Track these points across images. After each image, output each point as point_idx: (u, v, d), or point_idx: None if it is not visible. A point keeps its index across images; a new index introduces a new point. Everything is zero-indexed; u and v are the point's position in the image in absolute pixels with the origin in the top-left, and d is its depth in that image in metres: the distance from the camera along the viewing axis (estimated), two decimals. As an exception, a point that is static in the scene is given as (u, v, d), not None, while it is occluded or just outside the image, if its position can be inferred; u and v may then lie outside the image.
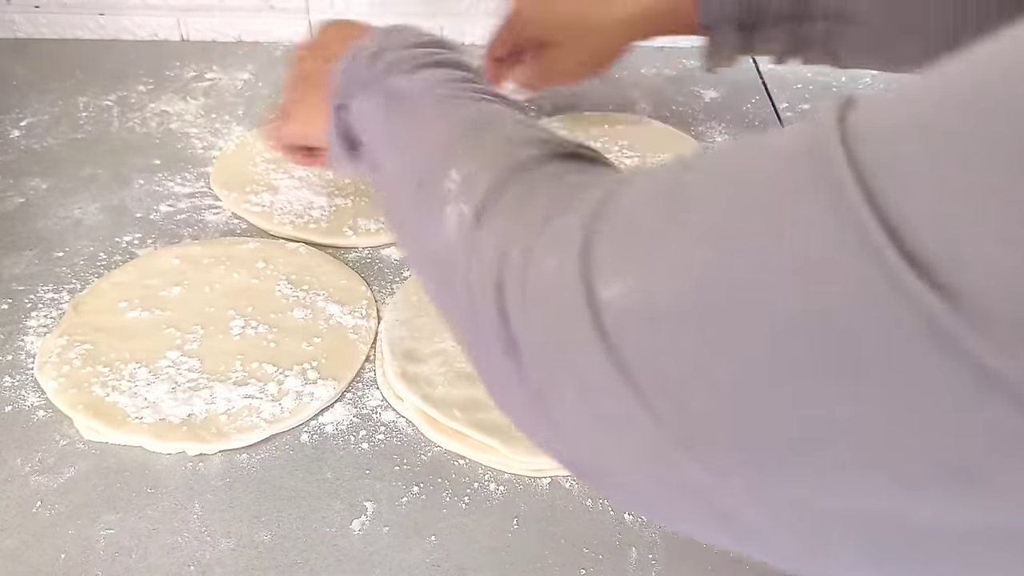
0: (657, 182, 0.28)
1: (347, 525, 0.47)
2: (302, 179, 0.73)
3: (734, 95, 0.88)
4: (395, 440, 0.52)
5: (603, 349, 0.25)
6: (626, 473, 0.28)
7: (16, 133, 0.80)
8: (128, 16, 0.95)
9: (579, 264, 0.27)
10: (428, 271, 0.40)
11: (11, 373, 0.56)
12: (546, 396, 0.29)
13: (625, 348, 0.25)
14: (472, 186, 0.36)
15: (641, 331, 0.25)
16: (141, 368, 0.55)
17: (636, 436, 0.25)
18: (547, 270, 0.29)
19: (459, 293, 0.34)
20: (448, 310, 0.37)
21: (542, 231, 0.30)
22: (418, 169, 0.41)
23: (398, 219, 0.44)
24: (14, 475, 0.50)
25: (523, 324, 0.30)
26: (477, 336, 0.33)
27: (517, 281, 0.30)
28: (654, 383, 0.24)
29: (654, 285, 0.25)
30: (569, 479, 0.50)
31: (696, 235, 0.24)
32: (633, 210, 0.27)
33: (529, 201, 0.33)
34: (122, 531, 0.47)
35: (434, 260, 0.38)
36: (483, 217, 0.34)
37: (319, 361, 0.56)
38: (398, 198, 0.44)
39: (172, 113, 0.83)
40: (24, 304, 0.61)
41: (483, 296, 0.32)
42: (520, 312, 0.30)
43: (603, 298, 0.26)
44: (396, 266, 0.65)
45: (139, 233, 0.68)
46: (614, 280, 0.26)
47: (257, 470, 0.50)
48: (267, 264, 0.63)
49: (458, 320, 0.36)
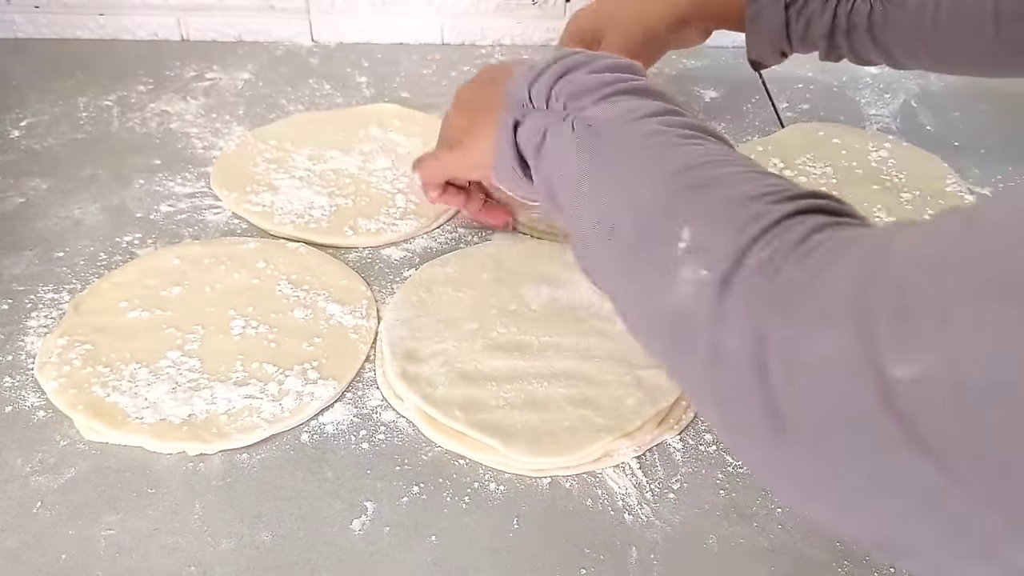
0: (932, 239, 0.26)
1: (348, 525, 0.47)
2: (302, 179, 0.73)
3: (734, 95, 0.88)
4: (395, 440, 0.52)
5: (900, 433, 0.25)
6: (925, 544, 0.27)
7: (16, 133, 0.80)
8: (128, 16, 0.95)
9: (860, 343, 0.26)
10: (653, 330, 0.38)
11: (11, 373, 0.56)
12: (824, 476, 0.28)
13: (927, 429, 0.24)
14: (710, 248, 0.34)
15: (947, 412, 0.24)
16: (141, 368, 0.55)
17: (940, 512, 0.25)
18: (822, 348, 0.27)
19: (702, 364, 0.33)
20: (686, 377, 0.36)
21: (802, 306, 0.29)
22: (636, 223, 0.39)
23: (602, 269, 0.43)
24: (14, 475, 0.50)
25: (794, 406, 0.29)
26: (731, 410, 0.32)
27: (783, 362, 0.29)
28: (965, 463, 0.24)
29: (958, 363, 0.23)
30: (569, 479, 0.50)
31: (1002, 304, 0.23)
32: (913, 275, 0.26)
33: (780, 269, 0.31)
34: (123, 531, 0.47)
35: (663, 323, 0.36)
36: (729, 287, 0.32)
37: (319, 361, 0.56)
38: (600, 247, 0.42)
39: (172, 113, 0.83)
40: (24, 304, 0.61)
41: (740, 374, 0.31)
42: (788, 393, 0.29)
43: (896, 377, 0.25)
44: (396, 266, 0.65)
45: (139, 233, 0.68)
46: (906, 360, 0.24)
47: (257, 470, 0.50)
48: (267, 264, 0.63)
49: (700, 389, 0.35)
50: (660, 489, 0.50)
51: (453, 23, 0.97)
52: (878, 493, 0.27)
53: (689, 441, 0.52)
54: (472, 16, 0.97)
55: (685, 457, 0.51)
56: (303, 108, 0.85)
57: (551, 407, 0.52)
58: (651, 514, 0.48)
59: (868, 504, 0.27)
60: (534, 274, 0.62)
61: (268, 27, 0.97)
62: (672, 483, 0.50)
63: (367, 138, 0.78)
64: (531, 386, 0.53)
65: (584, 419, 0.51)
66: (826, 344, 0.27)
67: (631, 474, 0.50)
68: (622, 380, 0.54)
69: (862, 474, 0.27)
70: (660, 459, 0.51)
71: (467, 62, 0.95)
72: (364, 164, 0.75)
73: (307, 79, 0.90)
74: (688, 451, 0.52)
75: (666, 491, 0.49)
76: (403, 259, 0.66)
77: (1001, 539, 0.24)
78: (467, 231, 0.69)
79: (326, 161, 0.75)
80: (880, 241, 0.29)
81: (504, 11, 0.97)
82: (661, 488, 0.50)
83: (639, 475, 0.50)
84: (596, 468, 0.50)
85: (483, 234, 0.68)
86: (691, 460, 0.51)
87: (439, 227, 0.69)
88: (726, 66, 0.93)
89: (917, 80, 0.91)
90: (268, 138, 0.78)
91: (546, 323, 0.58)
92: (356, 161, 0.75)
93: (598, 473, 0.50)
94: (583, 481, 0.50)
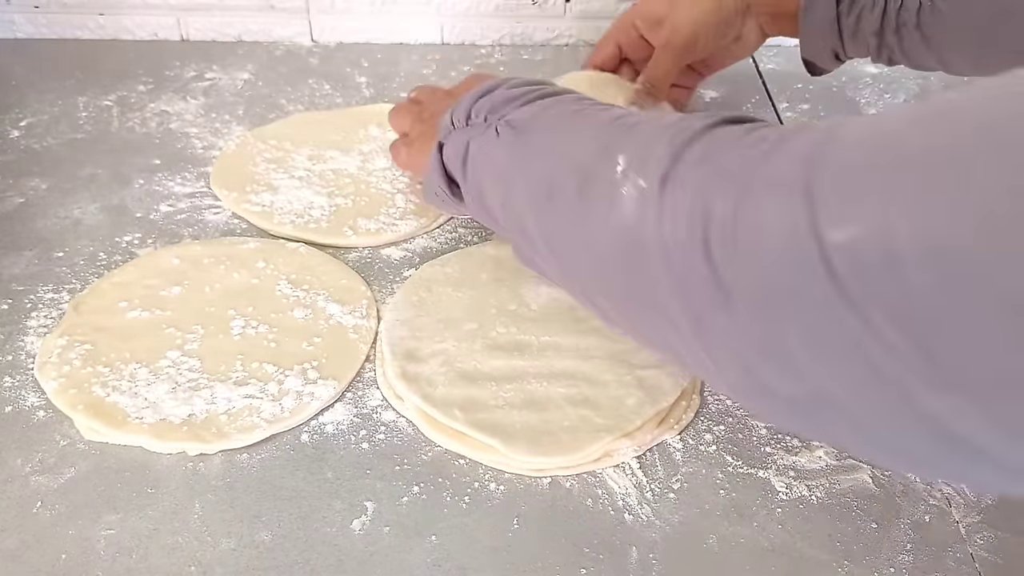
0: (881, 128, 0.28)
1: (347, 525, 0.47)
2: (302, 179, 0.73)
3: (734, 95, 0.88)
4: (395, 440, 0.52)
5: (835, 291, 0.27)
6: (848, 400, 0.29)
7: (16, 133, 0.80)
8: (128, 16, 0.95)
9: (804, 208, 0.27)
10: (605, 266, 0.39)
11: (11, 373, 0.56)
12: (767, 339, 0.30)
13: (859, 290, 0.26)
14: (647, 161, 0.36)
15: (877, 273, 0.26)
16: (141, 368, 0.55)
17: (866, 367, 0.27)
18: (764, 217, 0.29)
19: (653, 266, 0.34)
20: (642, 297, 0.37)
21: (752, 179, 0.30)
22: (573, 171, 0.40)
23: (547, 238, 0.44)
24: (14, 475, 0.50)
25: (737, 274, 0.30)
26: (684, 300, 0.33)
27: (727, 231, 0.30)
28: (894, 322, 0.26)
29: (895, 228, 0.25)
30: (569, 479, 0.50)
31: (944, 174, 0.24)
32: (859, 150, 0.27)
33: (723, 154, 0.33)
34: (122, 531, 0.47)
35: (614, 251, 0.37)
36: (669, 181, 0.34)
37: (319, 361, 0.56)
38: (543, 216, 0.43)
39: (172, 113, 0.83)
40: (24, 304, 0.61)
41: (686, 253, 0.32)
42: (732, 262, 0.30)
43: (833, 241, 0.27)
44: (396, 266, 0.65)
45: (139, 233, 0.68)
46: (845, 222, 0.26)
47: (257, 470, 0.50)
48: (267, 264, 0.63)
49: (657, 300, 0.35)
50: (660, 489, 0.50)
51: (453, 23, 0.97)
52: (813, 348, 0.29)
53: (689, 441, 0.52)
54: (472, 16, 0.97)
55: (685, 457, 0.51)
56: (303, 108, 0.85)
57: (551, 407, 0.52)
58: (651, 514, 0.48)
59: (805, 360, 0.29)
60: (534, 274, 0.62)
61: (268, 27, 0.97)
62: (672, 483, 0.50)
63: (367, 138, 0.78)
64: (531, 386, 0.53)
65: (584, 419, 0.51)
66: (770, 212, 0.29)
67: (631, 474, 0.50)
68: (622, 380, 0.54)
69: (801, 332, 0.29)
70: (660, 459, 0.51)
71: (467, 62, 0.95)
72: (364, 164, 0.75)
73: (307, 79, 0.90)
74: (688, 451, 0.52)
75: (666, 491, 0.49)
76: (403, 259, 0.66)
77: (915, 387, 0.26)
78: (467, 231, 0.69)
79: (326, 161, 0.75)
80: (831, 126, 0.30)
81: (504, 11, 0.97)
82: (661, 488, 0.50)
83: (639, 475, 0.50)
84: (596, 468, 0.50)
85: (483, 234, 0.68)
86: (691, 460, 0.51)
87: (439, 227, 0.69)
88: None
89: (917, 80, 0.91)
90: (268, 138, 0.78)
91: (546, 323, 0.58)
92: (356, 161, 0.75)
93: (598, 473, 0.50)
94: (583, 481, 0.50)
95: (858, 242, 0.26)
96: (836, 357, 0.28)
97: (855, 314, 0.26)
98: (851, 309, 0.26)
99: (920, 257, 0.25)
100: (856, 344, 0.27)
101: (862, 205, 0.26)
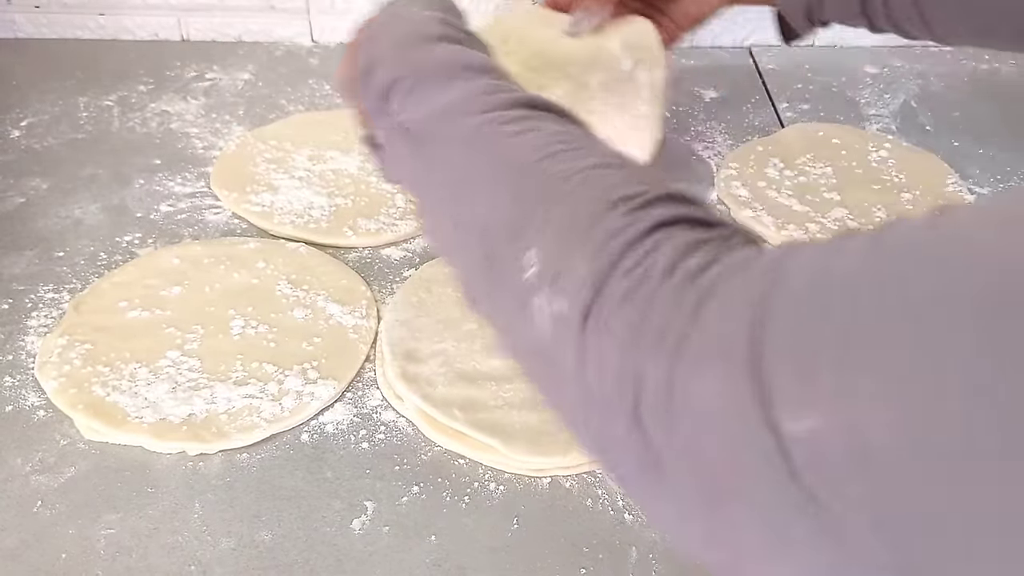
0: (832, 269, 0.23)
1: (347, 525, 0.47)
2: (302, 179, 0.73)
3: (734, 95, 0.88)
4: (395, 440, 0.52)
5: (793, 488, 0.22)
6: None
7: (16, 133, 0.80)
8: (128, 16, 0.95)
9: (751, 388, 0.23)
10: (518, 357, 0.34)
11: (11, 373, 0.56)
12: (707, 515, 0.26)
13: (820, 486, 0.22)
14: (563, 273, 0.30)
15: (845, 471, 0.22)
16: (141, 368, 0.55)
17: (820, 560, 0.23)
18: (705, 393, 0.25)
19: (571, 398, 0.30)
20: (557, 407, 0.32)
21: (686, 339, 0.25)
22: (481, 243, 0.34)
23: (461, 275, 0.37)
24: (14, 475, 0.50)
25: (674, 451, 0.26)
26: (602, 455, 0.29)
27: (660, 404, 0.26)
28: (857, 522, 0.22)
29: (861, 420, 0.21)
30: (569, 479, 0.50)
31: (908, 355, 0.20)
32: (808, 313, 0.23)
33: (652, 300, 0.27)
34: (122, 531, 0.47)
35: (526, 352, 0.33)
36: (591, 318, 0.28)
37: (319, 361, 0.56)
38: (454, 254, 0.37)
39: (172, 113, 0.83)
40: (24, 304, 0.61)
41: (612, 414, 0.27)
42: (669, 437, 0.26)
43: (791, 433, 0.22)
44: (396, 266, 0.65)
45: (139, 233, 0.68)
46: (804, 409, 0.22)
47: (257, 470, 0.50)
48: (267, 264, 0.63)
49: (572, 421, 0.31)
50: (660, 489, 0.49)
51: (453, 23, 0.97)
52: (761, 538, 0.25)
53: (689, 441, 0.52)
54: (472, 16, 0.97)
55: (685, 457, 0.51)
56: (303, 108, 0.85)
57: (551, 407, 0.52)
58: (651, 514, 0.48)
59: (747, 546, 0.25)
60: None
61: (268, 27, 0.97)
62: (672, 483, 0.50)
63: (367, 138, 0.78)
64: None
65: (584, 419, 0.51)
66: (711, 385, 0.24)
67: (631, 474, 0.50)
68: (622, 380, 0.53)
69: (745, 514, 0.24)
70: (660, 459, 0.51)
71: (467, 62, 0.94)
72: (364, 164, 0.74)
73: (307, 79, 0.90)
74: (688, 451, 0.52)
75: (666, 491, 0.49)
76: (403, 259, 0.66)
77: None
78: (467, 231, 0.69)
79: (326, 161, 0.75)
80: (777, 259, 0.25)
81: (504, 11, 0.97)
82: (661, 488, 0.50)
83: (639, 475, 0.50)
84: (596, 468, 0.50)
85: (483, 234, 0.68)
86: (691, 460, 0.51)
87: (439, 227, 0.69)
88: (726, 66, 0.93)
89: (917, 80, 0.91)
90: (268, 138, 0.78)
91: (546, 323, 0.58)
92: (356, 161, 0.75)
93: (598, 473, 0.50)
94: (583, 481, 0.50)
95: (821, 434, 0.22)
96: (793, 555, 0.24)
97: (823, 513, 0.22)
98: (817, 508, 0.22)
99: (896, 451, 0.21)
100: (818, 547, 0.23)
101: (820, 386, 0.22)
